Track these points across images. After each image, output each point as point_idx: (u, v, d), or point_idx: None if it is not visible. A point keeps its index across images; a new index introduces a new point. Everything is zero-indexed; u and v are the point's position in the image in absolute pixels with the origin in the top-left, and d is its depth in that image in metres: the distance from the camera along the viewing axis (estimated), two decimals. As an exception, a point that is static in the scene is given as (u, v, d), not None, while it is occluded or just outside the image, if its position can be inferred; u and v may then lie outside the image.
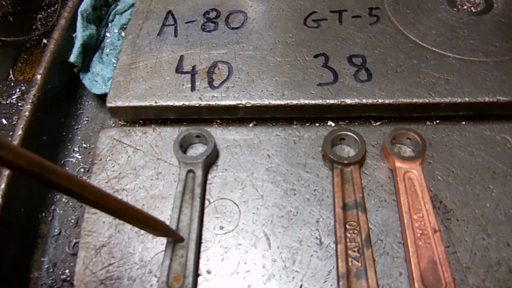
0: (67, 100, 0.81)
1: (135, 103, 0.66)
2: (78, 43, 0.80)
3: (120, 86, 0.69)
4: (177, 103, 0.66)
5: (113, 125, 0.74)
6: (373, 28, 0.74)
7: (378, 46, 0.71)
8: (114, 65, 0.82)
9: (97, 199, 0.36)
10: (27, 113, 0.67)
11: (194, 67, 0.70)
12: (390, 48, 0.71)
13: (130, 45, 0.74)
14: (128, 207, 0.39)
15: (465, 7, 0.77)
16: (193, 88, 0.68)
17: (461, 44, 0.70)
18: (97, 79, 0.81)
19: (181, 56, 0.72)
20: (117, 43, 0.88)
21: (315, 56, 0.71)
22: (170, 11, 0.79)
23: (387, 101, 0.64)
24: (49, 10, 2.60)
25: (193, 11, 0.80)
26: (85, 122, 0.80)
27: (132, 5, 0.90)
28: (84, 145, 0.75)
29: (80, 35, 0.80)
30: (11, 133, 1.71)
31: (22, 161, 0.30)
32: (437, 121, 0.67)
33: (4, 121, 1.74)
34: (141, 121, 0.69)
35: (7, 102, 1.85)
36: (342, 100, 0.64)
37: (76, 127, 0.78)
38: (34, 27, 2.53)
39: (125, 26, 0.90)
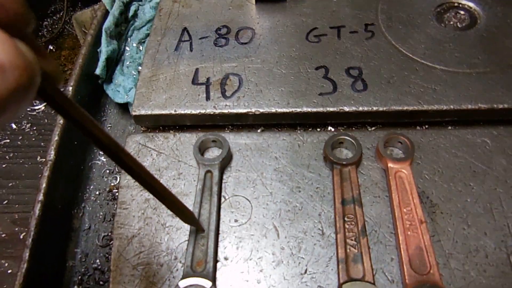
0: (93, 109, 0.87)
1: (157, 111, 0.73)
2: (102, 57, 0.86)
3: (143, 96, 0.75)
4: (194, 112, 0.72)
5: (134, 131, 0.80)
6: (368, 43, 0.80)
7: (373, 59, 0.77)
8: (134, 76, 0.89)
9: (149, 180, 0.42)
10: (61, 121, 0.74)
11: (208, 79, 0.77)
12: (383, 60, 0.77)
13: (150, 59, 0.81)
14: (168, 191, 0.46)
15: (451, 22, 0.83)
16: (208, 97, 0.74)
17: (447, 57, 0.77)
18: (119, 89, 0.88)
19: (197, 69, 0.78)
20: (135, 56, 0.95)
21: (316, 68, 0.77)
22: (185, 28, 0.86)
23: (380, 109, 0.70)
24: (54, 18, 2.66)
25: (206, 27, 0.86)
26: (108, 128, 0.86)
27: (149, 21, 0.97)
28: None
29: (105, 50, 0.87)
30: (20, 137, 1.77)
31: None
32: (426, 126, 0.73)
33: (14, 126, 1.80)
34: (160, 128, 0.75)
35: None
36: (340, 108, 0.70)
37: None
38: (40, 33, 2.59)
39: (143, 41, 0.97)
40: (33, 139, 1.75)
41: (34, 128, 1.84)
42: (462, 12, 0.84)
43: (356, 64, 0.77)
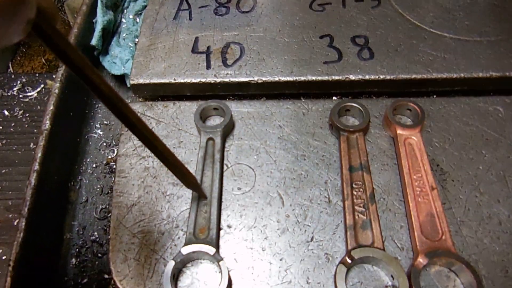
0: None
1: (156, 80, 0.70)
2: (98, 27, 0.83)
3: (141, 65, 0.72)
4: (194, 80, 0.69)
5: (133, 101, 0.77)
6: (374, 11, 0.77)
7: (380, 28, 0.75)
8: (131, 48, 0.86)
9: (153, 140, 0.40)
10: (56, 91, 0.71)
11: (208, 47, 0.74)
12: (390, 29, 0.74)
13: (148, 28, 0.78)
14: (171, 152, 0.43)
15: (461, -9, 0.81)
16: (208, 66, 0.71)
17: (457, 25, 0.74)
18: (115, 61, 0.85)
19: (196, 38, 0.76)
20: (132, 28, 0.91)
21: (321, 37, 0.74)
22: (184, -3, 0.83)
23: (388, 77, 0.68)
24: None
25: (206, -5, 0.83)
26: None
27: (146, -8, 0.93)
28: (105, 122, 0.79)
29: (100, 20, 0.84)
30: (13, 124, 1.74)
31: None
32: (435, 96, 0.70)
33: (6, 113, 1.77)
34: (159, 98, 0.73)
35: (8, 94, 1.87)
36: (346, 76, 0.68)
37: (97, 105, 0.82)
38: None
39: (139, 12, 0.93)
40: (26, 125, 1.73)
41: (27, 115, 1.81)
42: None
43: (362, 32, 0.74)
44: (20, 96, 1.85)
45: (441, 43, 0.72)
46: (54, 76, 0.73)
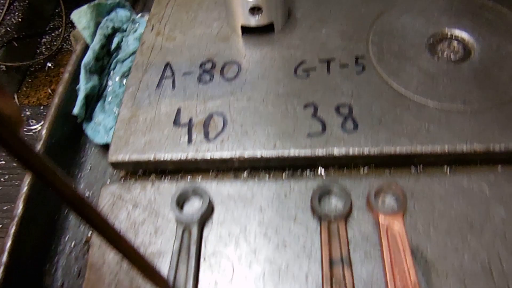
0: (71, 150, 0.83)
1: (135, 157, 0.69)
2: (81, 95, 0.83)
3: (120, 140, 0.71)
4: (174, 157, 0.68)
5: (115, 174, 0.76)
6: (359, 77, 0.77)
7: (364, 96, 0.74)
8: (116, 113, 0.85)
9: (120, 243, 0.38)
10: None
11: (190, 119, 0.73)
12: (375, 97, 0.73)
13: (130, 98, 0.77)
14: (141, 257, 0.42)
15: (445, 54, 0.80)
16: (189, 140, 0.70)
17: (441, 92, 0.73)
18: (99, 128, 0.84)
19: (179, 109, 0.75)
20: (118, 91, 0.91)
21: (305, 106, 0.73)
22: (168, 63, 0.82)
23: (372, 152, 0.67)
24: (53, 34, 2.64)
25: (190, 62, 0.82)
26: (88, 170, 0.82)
27: (133, 53, 0.93)
28: (87, 193, 0.78)
29: (83, 87, 0.83)
30: (18, 171, 1.71)
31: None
32: (421, 166, 0.69)
33: None
34: (140, 173, 0.72)
35: None
36: (330, 152, 0.67)
37: (79, 175, 0.81)
38: (38, 51, 2.57)
39: (126, 74, 0.93)
40: None
41: None
42: (455, 44, 0.81)
43: (347, 101, 0.73)
44: (24, 129, 1.84)
45: (425, 113, 0.71)
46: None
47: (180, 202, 0.61)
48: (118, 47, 0.96)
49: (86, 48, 0.89)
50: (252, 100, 0.75)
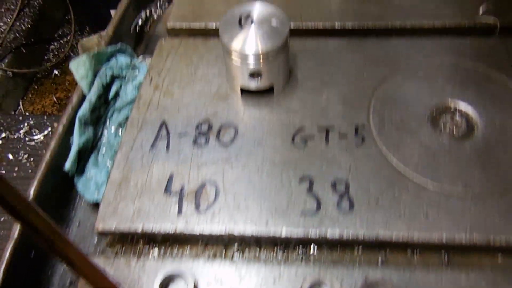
0: (60, 204, 0.81)
1: (123, 226, 0.67)
2: (74, 150, 0.81)
3: (109, 205, 0.70)
4: (163, 230, 0.67)
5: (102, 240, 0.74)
6: (358, 150, 0.75)
7: (362, 171, 0.72)
8: (108, 167, 0.84)
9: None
10: (17, 230, 0.68)
11: (182, 188, 0.71)
12: (373, 174, 0.71)
13: (123, 158, 0.75)
14: None
15: (447, 128, 0.78)
16: (179, 211, 0.68)
17: (441, 173, 0.71)
18: (90, 184, 0.82)
19: (171, 175, 0.73)
20: (113, 141, 0.89)
21: (301, 179, 0.72)
22: (164, 122, 0.81)
23: (367, 238, 0.65)
24: (61, 41, 2.65)
25: (186, 121, 0.81)
26: (77, 226, 0.80)
27: (131, 102, 0.92)
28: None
29: (77, 142, 0.82)
30: (16, 168, 1.70)
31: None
32: (418, 251, 0.67)
33: (10, 156, 1.74)
34: (126, 242, 0.70)
35: (15, 136, 1.84)
36: (323, 233, 0.65)
37: (67, 231, 0.79)
38: (46, 57, 2.58)
39: (122, 124, 0.91)
40: (30, 170, 1.70)
41: (32, 159, 1.78)
42: (458, 117, 0.79)
43: (344, 176, 0.71)
44: (26, 139, 1.83)
45: (424, 196, 0.69)
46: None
47: (164, 285, 0.59)
48: (116, 94, 0.95)
49: (82, 98, 0.88)
50: (247, 169, 0.73)
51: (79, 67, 0.89)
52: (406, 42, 0.91)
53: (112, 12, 1.11)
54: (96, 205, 0.78)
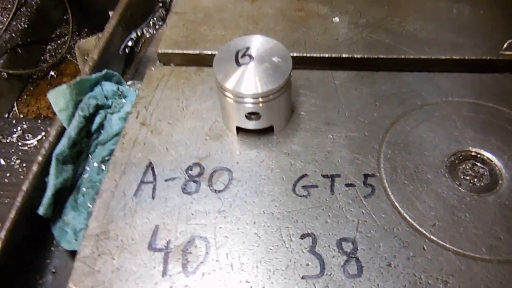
0: (35, 249, 0.78)
1: (99, 290, 0.63)
2: (49, 193, 0.77)
3: (85, 263, 0.65)
4: (143, 299, 0.62)
5: None
6: (367, 202, 0.71)
7: (372, 228, 0.68)
8: (88, 210, 0.80)
9: None
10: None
11: (168, 243, 0.67)
12: (384, 231, 0.67)
13: (103, 207, 0.71)
14: None
15: (468, 178, 0.74)
16: (164, 272, 0.64)
17: (462, 233, 0.67)
18: (67, 229, 0.78)
19: (156, 227, 0.69)
20: (96, 178, 0.86)
21: (302, 237, 0.67)
22: (150, 164, 0.77)
23: (377, 312, 0.60)
24: (58, 41, 2.64)
25: (175, 164, 0.77)
26: (52, 274, 0.76)
27: (116, 135, 0.88)
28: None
29: (52, 183, 0.78)
30: (8, 174, 1.67)
31: None
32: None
33: (2, 161, 1.71)
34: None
35: (7, 140, 1.82)
36: (327, 306, 0.60)
37: (41, 281, 0.75)
38: (42, 58, 2.57)
39: (106, 158, 0.88)
40: (22, 176, 1.66)
41: (24, 164, 1.77)
42: (480, 167, 0.75)
43: (351, 234, 0.67)
44: (19, 143, 1.80)
45: (442, 260, 0.64)
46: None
47: None
48: (100, 126, 0.91)
49: (60, 133, 0.84)
50: (242, 222, 0.69)
51: (58, 98, 0.85)
52: (421, 76, 0.88)
53: (111, 13, 1.08)
54: (74, 252, 0.74)
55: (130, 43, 1.14)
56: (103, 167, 0.88)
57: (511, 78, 0.86)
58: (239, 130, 0.79)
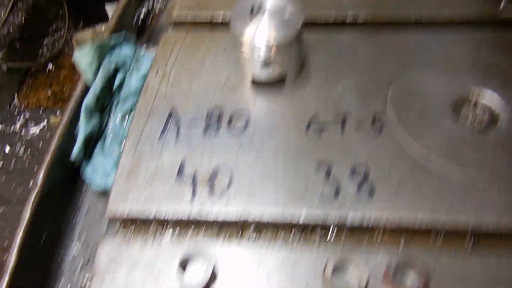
0: (67, 193, 0.84)
1: (135, 214, 0.70)
2: (80, 139, 0.84)
3: (120, 191, 0.72)
4: (176, 217, 0.69)
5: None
6: (376, 139, 0.78)
7: (382, 160, 0.74)
8: (115, 155, 0.86)
9: None
10: (27, 216, 0.71)
11: (195, 174, 0.74)
12: (393, 162, 0.74)
13: (131, 148, 0.78)
14: None
15: (470, 119, 0.81)
16: (193, 197, 0.71)
17: (466, 160, 0.74)
18: (97, 172, 0.85)
19: (183, 161, 0.76)
20: (119, 131, 0.92)
21: (318, 165, 0.74)
22: (172, 111, 0.84)
23: (389, 224, 0.67)
24: (55, 36, 2.73)
25: (196, 111, 0.84)
26: (84, 214, 0.83)
27: (136, 92, 0.95)
28: (83, 237, 0.79)
29: (83, 130, 0.85)
30: (13, 161, 1.74)
31: None
32: (442, 235, 0.69)
33: (7, 149, 1.78)
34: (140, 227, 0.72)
35: (11, 130, 1.89)
36: (343, 219, 0.67)
37: (74, 219, 0.82)
38: (40, 52, 2.66)
39: (128, 113, 0.95)
40: (27, 163, 1.74)
41: (28, 152, 1.84)
42: (480, 108, 0.82)
43: (362, 163, 0.74)
44: (22, 132, 1.88)
45: (449, 182, 0.71)
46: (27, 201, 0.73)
47: (183, 265, 0.61)
48: (121, 84, 0.98)
49: (85, 90, 0.91)
50: (261, 156, 0.76)
51: (83, 56, 0.92)
52: (423, 34, 0.96)
53: (107, 7, 1.15)
54: (103, 194, 0.80)
55: (141, 16, 1.22)
56: (125, 121, 0.95)
57: (509, 34, 0.93)
58: (253, 82, 0.87)
